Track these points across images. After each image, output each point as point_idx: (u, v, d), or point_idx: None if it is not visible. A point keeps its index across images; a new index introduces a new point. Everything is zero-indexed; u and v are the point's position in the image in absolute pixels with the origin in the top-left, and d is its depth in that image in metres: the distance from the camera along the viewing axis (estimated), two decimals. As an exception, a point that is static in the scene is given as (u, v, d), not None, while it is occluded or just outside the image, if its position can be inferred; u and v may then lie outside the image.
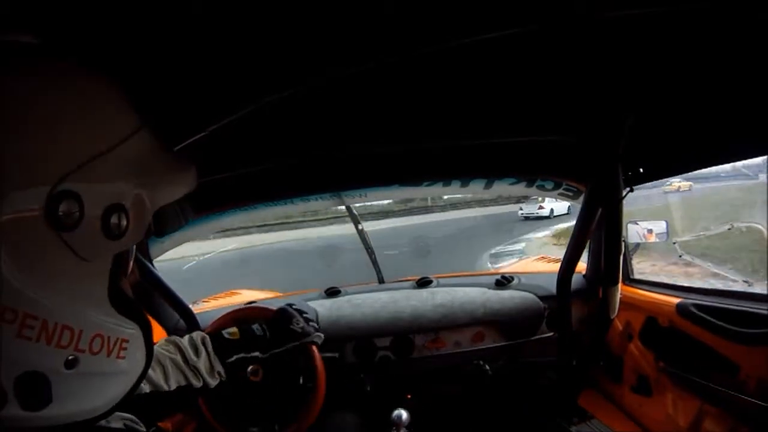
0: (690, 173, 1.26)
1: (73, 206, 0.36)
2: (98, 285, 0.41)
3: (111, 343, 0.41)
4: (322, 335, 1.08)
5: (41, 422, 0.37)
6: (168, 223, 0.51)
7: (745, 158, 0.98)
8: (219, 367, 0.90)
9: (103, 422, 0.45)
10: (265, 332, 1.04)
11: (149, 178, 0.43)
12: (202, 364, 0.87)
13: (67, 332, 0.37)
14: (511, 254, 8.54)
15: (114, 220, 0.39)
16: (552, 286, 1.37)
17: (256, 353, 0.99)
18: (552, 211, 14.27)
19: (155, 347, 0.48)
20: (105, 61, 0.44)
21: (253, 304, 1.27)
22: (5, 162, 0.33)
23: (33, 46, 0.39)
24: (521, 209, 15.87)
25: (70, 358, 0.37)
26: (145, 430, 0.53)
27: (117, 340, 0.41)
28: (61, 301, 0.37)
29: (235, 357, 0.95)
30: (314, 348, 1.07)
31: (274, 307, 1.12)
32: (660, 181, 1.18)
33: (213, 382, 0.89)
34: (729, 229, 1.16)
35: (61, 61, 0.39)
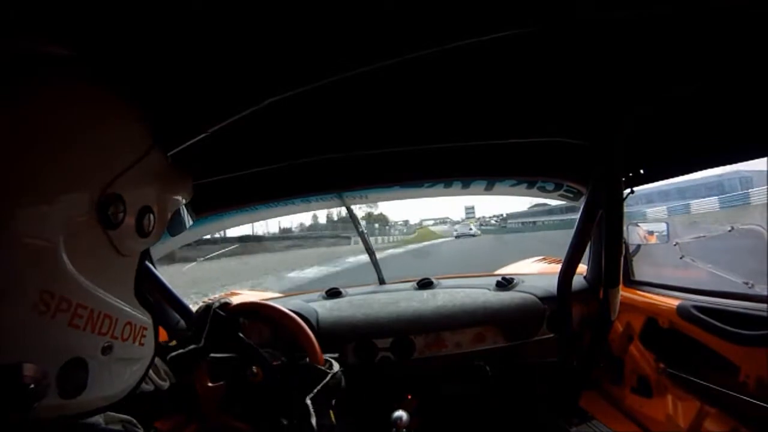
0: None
1: (119, 207, 0.41)
2: (129, 278, 0.46)
3: (136, 330, 0.46)
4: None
5: (71, 410, 0.39)
6: (179, 224, 0.58)
7: (746, 159, 0.98)
8: (164, 367, 0.90)
9: (102, 424, 0.48)
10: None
11: (164, 186, 0.49)
12: None
13: (107, 320, 0.41)
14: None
15: (146, 220, 0.45)
16: (552, 288, 1.37)
17: (192, 346, 0.98)
18: (476, 231, 21.67)
19: None
20: (122, 67, 0.47)
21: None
22: (63, 166, 0.37)
23: (68, 59, 0.42)
24: (455, 230, 22.83)
25: (107, 344, 0.41)
26: (142, 430, 0.55)
27: (140, 328, 0.46)
28: (103, 292, 0.41)
29: (173, 354, 0.95)
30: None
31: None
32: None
33: (164, 384, 0.88)
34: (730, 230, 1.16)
35: (95, 82, 0.43)
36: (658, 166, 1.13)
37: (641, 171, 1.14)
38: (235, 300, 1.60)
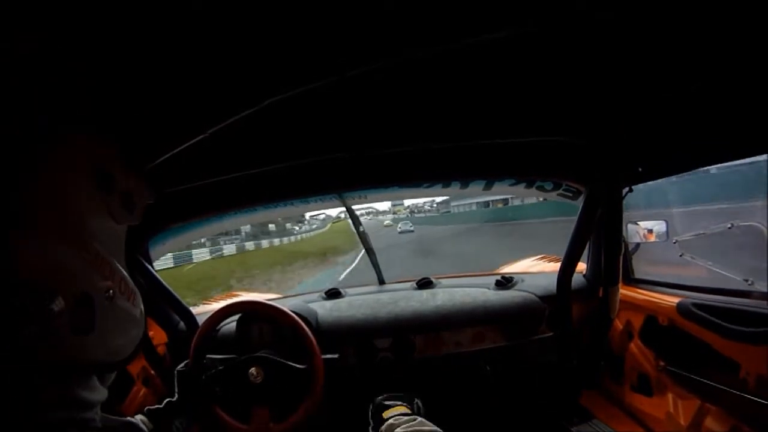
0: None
1: (110, 179, 0.51)
2: (120, 244, 0.53)
3: (130, 289, 0.51)
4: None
5: (82, 353, 0.44)
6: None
7: (744, 157, 0.98)
8: (144, 419, 0.91)
9: (98, 423, 0.50)
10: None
11: (140, 184, 0.58)
12: None
13: (107, 266, 0.47)
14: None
15: (129, 201, 0.53)
16: (552, 286, 1.37)
17: (167, 400, 1.00)
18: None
19: None
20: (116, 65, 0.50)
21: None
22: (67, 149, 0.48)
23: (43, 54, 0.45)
24: (400, 227, 25.61)
25: (110, 292, 0.47)
26: (145, 428, 0.57)
27: (133, 290, 0.52)
28: (102, 245, 0.47)
29: (150, 407, 0.95)
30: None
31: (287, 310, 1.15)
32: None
33: None
34: (729, 228, 1.16)
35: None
36: (656, 165, 1.13)
37: (640, 169, 1.14)
38: (236, 299, 1.60)
